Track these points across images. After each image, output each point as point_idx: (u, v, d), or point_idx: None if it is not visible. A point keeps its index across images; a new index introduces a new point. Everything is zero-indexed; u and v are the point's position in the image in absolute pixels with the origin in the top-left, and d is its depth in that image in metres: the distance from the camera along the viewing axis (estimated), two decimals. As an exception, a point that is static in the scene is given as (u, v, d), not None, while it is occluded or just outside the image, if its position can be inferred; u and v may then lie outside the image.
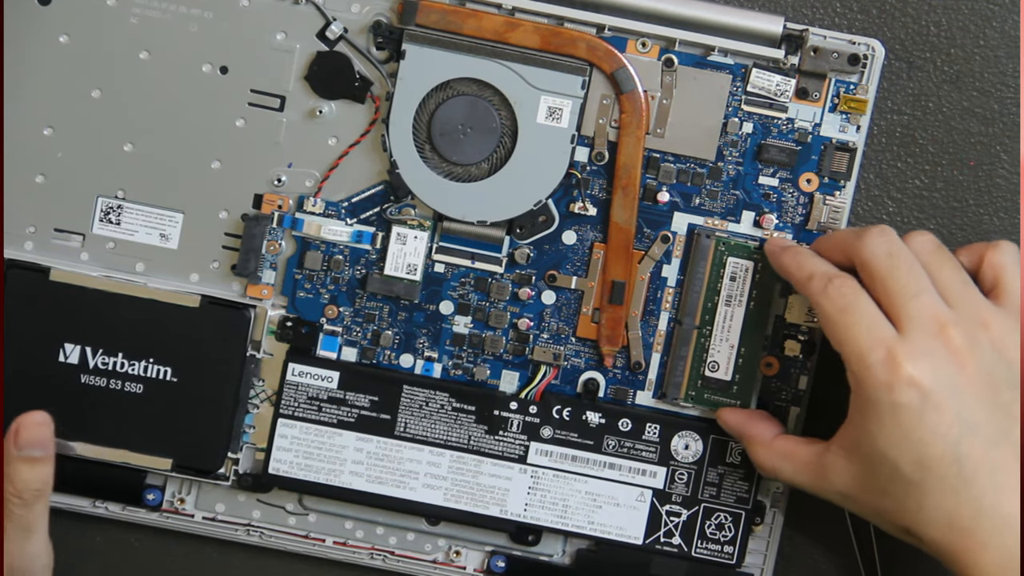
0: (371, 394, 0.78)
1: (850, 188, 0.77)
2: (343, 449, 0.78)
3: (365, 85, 0.77)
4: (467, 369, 0.79)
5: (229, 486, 0.79)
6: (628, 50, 0.77)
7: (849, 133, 0.77)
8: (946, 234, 0.79)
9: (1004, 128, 0.78)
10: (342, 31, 0.77)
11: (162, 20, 0.77)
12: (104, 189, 0.78)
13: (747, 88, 0.77)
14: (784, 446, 0.75)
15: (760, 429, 0.76)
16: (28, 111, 0.77)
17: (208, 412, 0.78)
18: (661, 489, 0.78)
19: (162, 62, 0.77)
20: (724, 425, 0.77)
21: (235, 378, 0.78)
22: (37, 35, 0.77)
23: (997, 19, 0.78)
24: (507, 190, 0.77)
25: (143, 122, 0.78)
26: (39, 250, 0.78)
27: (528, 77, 0.76)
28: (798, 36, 0.76)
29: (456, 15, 0.76)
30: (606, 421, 0.78)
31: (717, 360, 0.77)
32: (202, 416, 0.78)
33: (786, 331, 0.78)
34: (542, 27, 0.76)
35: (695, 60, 0.77)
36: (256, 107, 0.78)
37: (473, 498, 0.78)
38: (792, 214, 0.77)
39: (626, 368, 0.78)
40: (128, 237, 0.78)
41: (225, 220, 0.78)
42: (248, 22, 0.77)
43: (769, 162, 0.77)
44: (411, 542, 0.80)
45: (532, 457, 0.78)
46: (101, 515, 0.79)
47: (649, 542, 0.78)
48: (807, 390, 0.78)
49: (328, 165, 0.78)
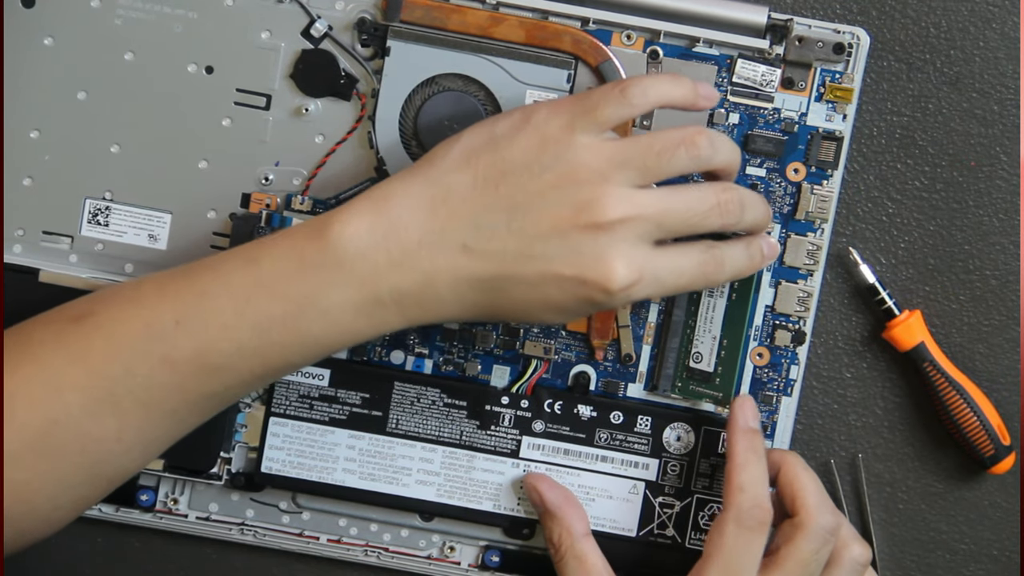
0: (362, 391, 0.78)
1: (837, 177, 0.77)
2: (335, 447, 0.78)
3: (351, 82, 0.77)
4: (458, 364, 0.79)
5: (222, 486, 0.79)
6: (613, 43, 0.77)
7: (835, 122, 0.77)
8: (946, 235, 0.79)
9: (1004, 129, 0.78)
10: (327, 29, 0.77)
11: (146, 21, 0.77)
12: (92, 191, 0.78)
13: (733, 79, 0.77)
14: (586, 550, 0.76)
15: (574, 518, 0.76)
16: (14, 114, 0.77)
17: (200, 412, 0.78)
18: (654, 481, 0.78)
19: (147, 63, 0.77)
20: (532, 493, 0.77)
21: (226, 377, 0.78)
22: (21, 38, 0.77)
23: (997, 21, 0.78)
24: (494, 185, 0.77)
25: (129, 123, 0.78)
26: (28, 252, 0.78)
27: (513, 71, 0.76)
28: (783, 26, 0.76)
29: (440, 11, 0.76)
30: (598, 414, 0.78)
31: (700, 351, 0.77)
32: (194, 416, 0.78)
33: (776, 321, 0.78)
34: (527, 21, 0.76)
35: (680, 52, 0.77)
36: (242, 106, 0.78)
37: (466, 493, 0.78)
38: (780, 204, 0.77)
39: (617, 361, 0.78)
40: (116, 238, 0.78)
41: (213, 220, 0.78)
42: (233, 21, 0.77)
43: (756, 152, 0.77)
44: (405, 538, 0.80)
45: (524, 451, 0.78)
46: (95, 517, 0.79)
47: (643, 534, 0.78)
48: (798, 380, 0.78)
49: (315, 163, 0.78)
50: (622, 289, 0.67)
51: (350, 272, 0.67)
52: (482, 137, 0.69)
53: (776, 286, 0.78)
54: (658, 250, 0.69)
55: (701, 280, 0.70)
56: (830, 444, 0.80)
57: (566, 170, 0.67)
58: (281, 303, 0.67)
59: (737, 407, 0.75)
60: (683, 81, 0.70)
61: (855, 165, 0.79)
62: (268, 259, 0.68)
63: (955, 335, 0.79)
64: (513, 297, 0.68)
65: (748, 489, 0.73)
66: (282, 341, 0.68)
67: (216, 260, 0.69)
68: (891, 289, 0.79)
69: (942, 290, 0.79)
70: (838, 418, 0.80)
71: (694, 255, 0.70)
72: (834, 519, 0.73)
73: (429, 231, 0.67)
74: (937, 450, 0.80)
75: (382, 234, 0.67)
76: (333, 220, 0.68)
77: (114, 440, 0.68)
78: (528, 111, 0.69)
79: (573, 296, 0.68)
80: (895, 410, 0.80)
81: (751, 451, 0.74)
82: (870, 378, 0.80)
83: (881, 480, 0.80)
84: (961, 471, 0.80)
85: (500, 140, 0.68)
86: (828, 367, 0.79)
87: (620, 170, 0.68)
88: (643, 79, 0.69)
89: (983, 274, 0.79)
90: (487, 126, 0.69)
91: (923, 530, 0.80)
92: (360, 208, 0.68)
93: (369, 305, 0.68)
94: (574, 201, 0.67)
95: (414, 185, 0.68)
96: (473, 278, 0.68)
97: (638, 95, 0.69)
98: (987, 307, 0.79)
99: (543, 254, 0.67)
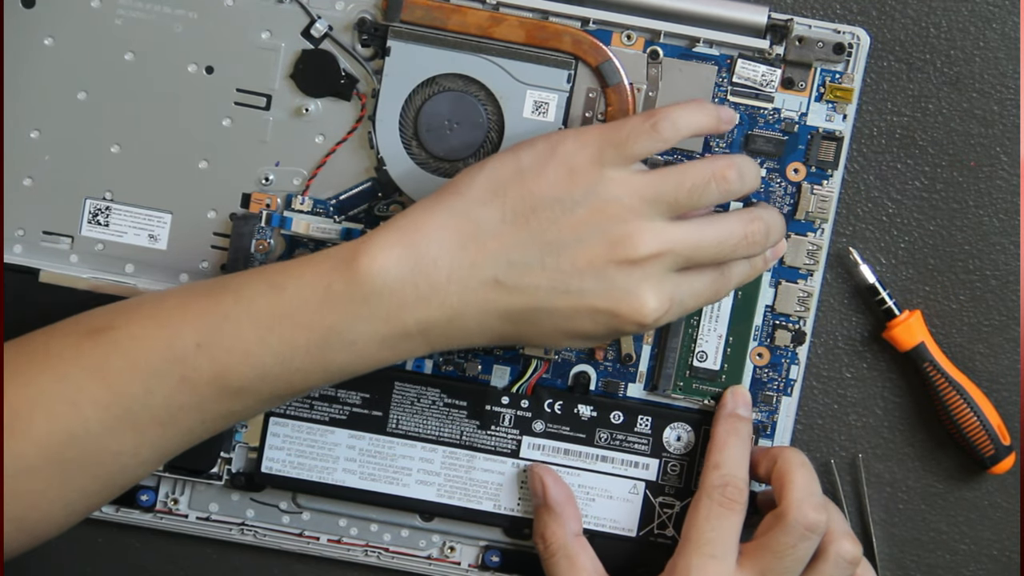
0: (362, 391, 0.78)
1: (837, 177, 0.77)
2: (335, 447, 0.78)
3: (351, 82, 0.77)
4: (458, 364, 0.79)
5: (222, 486, 0.79)
6: (613, 43, 0.77)
7: (835, 122, 0.77)
8: (946, 235, 0.79)
9: (1004, 129, 0.78)
10: (327, 29, 0.77)
11: (147, 21, 0.77)
12: (92, 191, 0.78)
13: (733, 79, 0.77)
14: (578, 549, 0.75)
15: (570, 518, 0.77)
16: (14, 114, 0.77)
17: (200, 412, 0.78)
18: (654, 481, 0.78)
19: (147, 63, 0.77)
20: (536, 483, 0.77)
21: (226, 377, 0.78)
22: (21, 38, 0.77)
23: (997, 21, 0.78)
24: (495, 185, 0.77)
25: (130, 123, 0.78)
26: (28, 253, 0.78)
27: (513, 71, 0.76)
28: (783, 26, 0.76)
29: (441, 11, 0.76)
30: (598, 414, 0.78)
31: (705, 350, 0.77)
32: (194, 416, 0.78)
33: (776, 321, 0.78)
34: (527, 21, 0.76)
35: (680, 52, 0.77)
36: (242, 106, 0.78)
37: (467, 493, 0.78)
38: (780, 204, 0.77)
39: (617, 361, 0.78)
40: (117, 238, 0.78)
41: (213, 220, 0.78)
42: (233, 21, 0.77)
43: (756, 152, 0.77)
44: (405, 538, 0.80)
45: (525, 451, 0.78)
46: (95, 517, 0.79)
47: (643, 534, 0.78)
48: (798, 380, 0.78)
49: (315, 163, 0.78)
50: (655, 321, 0.69)
51: (377, 306, 0.67)
52: (508, 168, 0.69)
53: (776, 286, 0.78)
54: (680, 276, 0.70)
55: (713, 297, 0.72)
56: (830, 444, 0.80)
57: (597, 205, 0.68)
58: (305, 333, 0.67)
59: (728, 394, 0.77)
60: (707, 108, 0.71)
61: (855, 165, 0.79)
62: (293, 287, 0.68)
63: (955, 335, 0.79)
64: (543, 328, 0.69)
65: (723, 467, 0.74)
66: (305, 368, 0.68)
67: (239, 282, 0.69)
68: (891, 289, 0.79)
69: (942, 290, 0.79)
70: (838, 418, 0.80)
71: (707, 274, 0.71)
72: (817, 515, 0.72)
73: (459, 266, 0.67)
74: (937, 450, 0.80)
75: (410, 268, 0.67)
76: (360, 252, 0.68)
77: (131, 455, 0.68)
78: (554, 142, 0.69)
79: (604, 327, 0.69)
80: (895, 410, 0.80)
81: (732, 433, 0.75)
82: (870, 378, 0.80)
83: (881, 480, 0.80)
84: (961, 471, 0.80)
85: (527, 172, 0.68)
86: (828, 367, 0.79)
87: (651, 205, 0.68)
88: (672, 112, 0.70)
89: (983, 274, 0.79)
90: (512, 157, 0.69)
91: (923, 530, 0.80)
92: (388, 240, 0.68)
93: (395, 337, 0.68)
94: (607, 237, 0.68)
95: (441, 215, 0.68)
96: (503, 311, 0.68)
97: (668, 128, 0.69)
98: (987, 307, 0.79)
99: (578, 289, 0.68)
